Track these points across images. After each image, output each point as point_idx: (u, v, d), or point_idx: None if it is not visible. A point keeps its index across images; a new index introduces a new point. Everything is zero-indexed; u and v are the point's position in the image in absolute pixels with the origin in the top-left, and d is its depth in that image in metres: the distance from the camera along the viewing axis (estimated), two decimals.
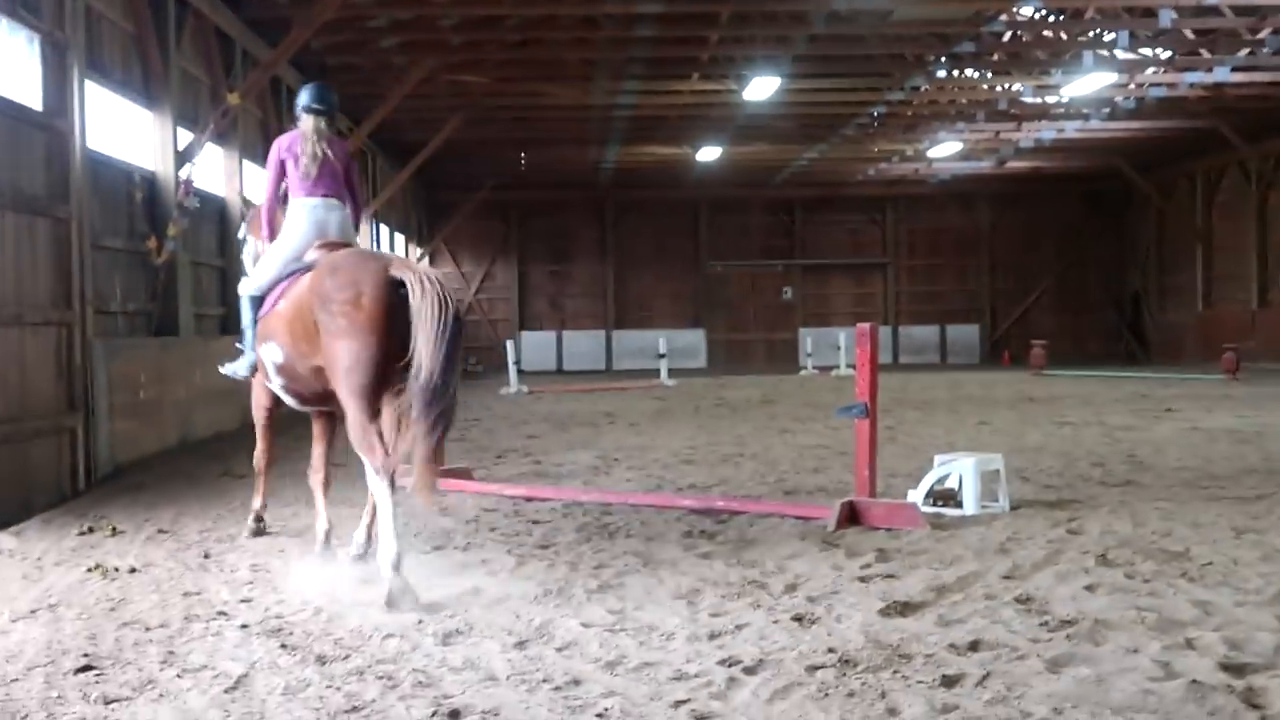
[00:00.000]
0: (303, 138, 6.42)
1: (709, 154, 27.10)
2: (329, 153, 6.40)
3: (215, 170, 14.65)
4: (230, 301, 14.09)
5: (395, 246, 27.67)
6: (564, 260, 34.61)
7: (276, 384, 6.30)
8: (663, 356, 24.51)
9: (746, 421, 14.73)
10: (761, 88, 20.07)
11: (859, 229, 35.22)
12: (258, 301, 6.28)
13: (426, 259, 32.70)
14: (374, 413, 5.44)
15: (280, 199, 6.59)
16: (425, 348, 5.09)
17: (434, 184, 32.40)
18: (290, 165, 6.40)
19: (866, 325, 7.03)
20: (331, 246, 6.08)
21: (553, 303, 34.61)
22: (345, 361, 5.37)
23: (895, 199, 34.91)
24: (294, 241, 6.28)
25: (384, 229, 26.01)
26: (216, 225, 14.72)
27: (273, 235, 6.54)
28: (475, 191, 32.11)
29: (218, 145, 14.50)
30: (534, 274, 34.55)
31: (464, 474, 9.14)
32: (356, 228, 6.60)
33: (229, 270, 14.80)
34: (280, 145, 6.47)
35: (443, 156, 25.76)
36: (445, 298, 5.17)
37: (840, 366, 27.33)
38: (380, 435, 5.43)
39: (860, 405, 6.95)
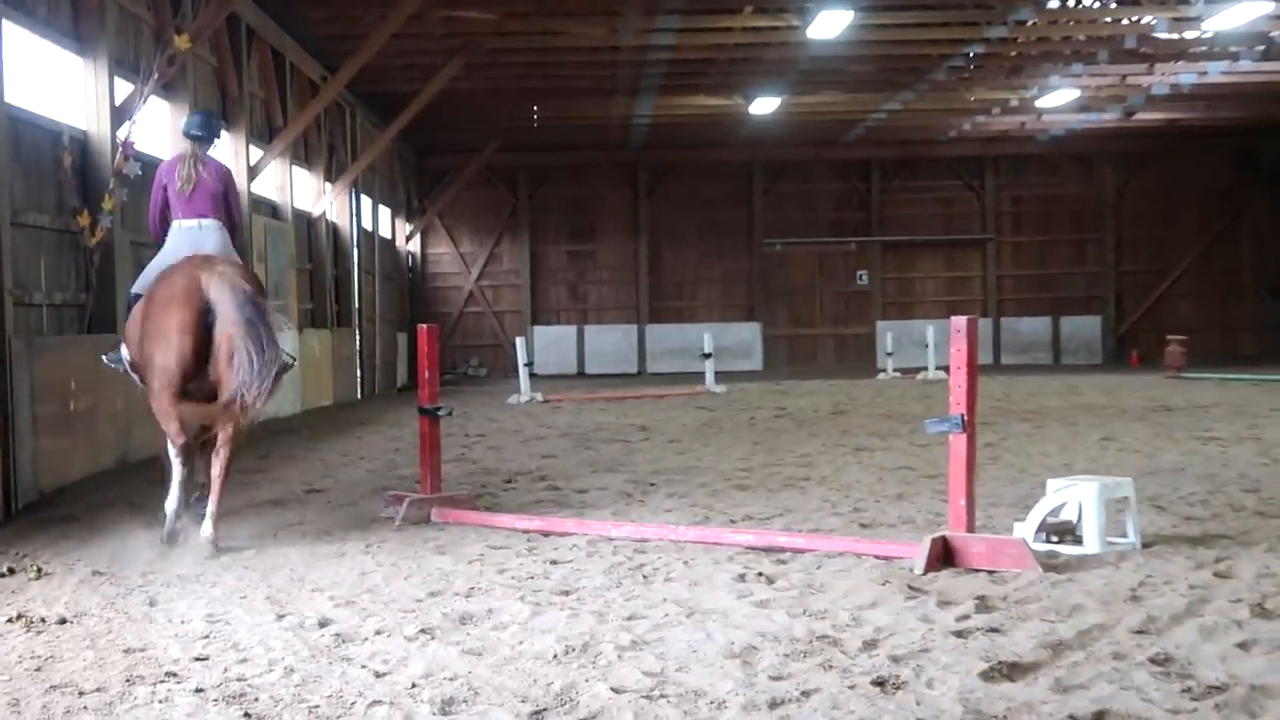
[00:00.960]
0: (181, 162, 8.57)
1: (765, 106, 27.06)
2: (205, 176, 8.54)
3: (161, 129, 14.78)
4: None
5: (379, 221, 27.83)
6: (586, 238, 34.70)
7: (135, 378, 8.63)
8: (708, 356, 24.53)
9: (813, 437, 14.71)
10: (830, 23, 19.96)
11: (951, 198, 35.09)
12: (129, 309, 8.70)
13: (418, 236, 32.93)
14: (175, 393, 7.87)
15: (164, 219, 8.74)
16: (224, 335, 7.62)
17: (427, 145, 32.56)
18: (170, 188, 8.55)
19: (962, 319, 7.00)
20: (209, 259, 8.09)
21: (572, 291, 34.70)
22: (158, 346, 7.91)
23: (996, 160, 34.75)
24: (166, 259, 8.39)
25: (365, 201, 26.17)
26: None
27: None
28: (477, 154, 32.24)
29: (163, 99, 14.63)
30: (549, 255, 34.66)
31: (464, 503, 9.20)
32: (237, 244, 8.80)
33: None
34: (161, 170, 8.74)
35: (438, 111, 25.86)
36: (235, 284, 7.70)
37: (929, 369, 27.25)
38: (178, 415, 7.90)
39: (955, 417, 6.92)
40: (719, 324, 33.42)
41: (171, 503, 8.13)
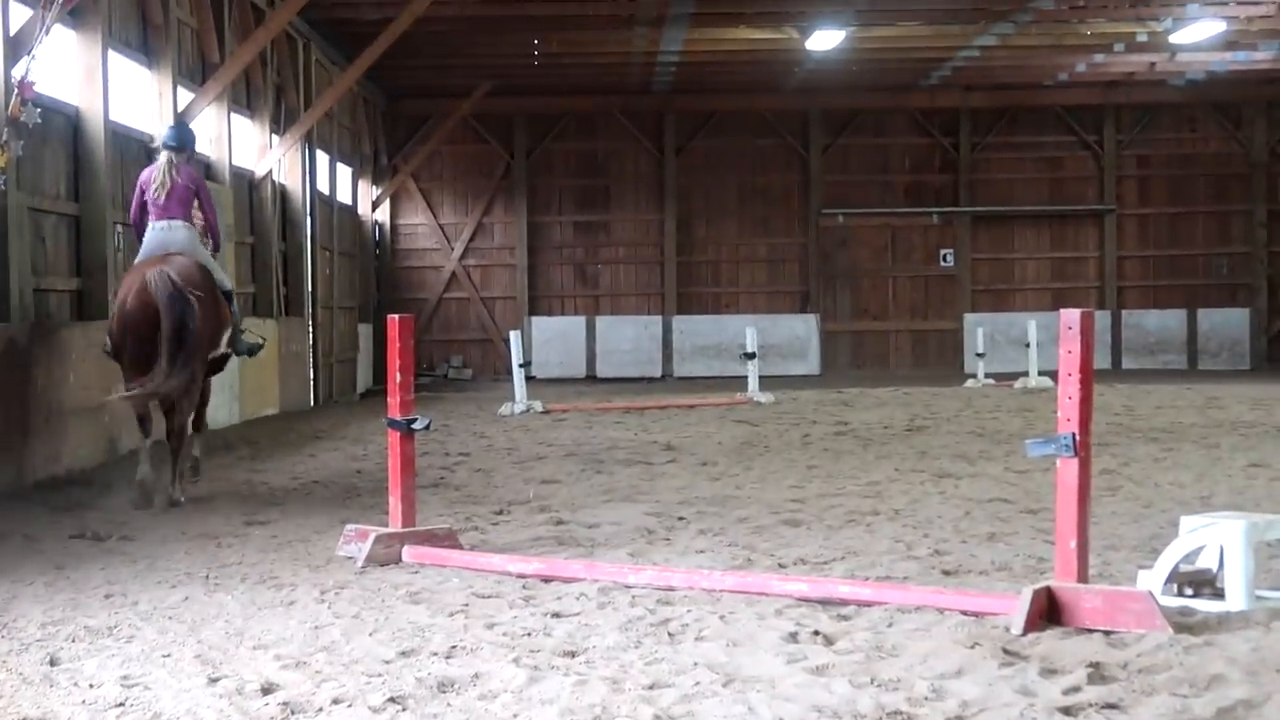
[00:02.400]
0: (157, 170, 12.28)
1: (825, 40, 27.03)
2: (179, 182, 12.17)
3: (67, 66, 14.84)
4: (89, 271, 15.29)
5: (338, 183, 27.91)
6: (598, 206, 34.76)
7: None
8: (751, 357, 24.48)
9: (883, 460, 14.69)
10: None
11: (1061, 158, 35.04)
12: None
13: (387, 202, 32.99)
14: (127, 374, 11.79)
15: (142, 220, 12.40)
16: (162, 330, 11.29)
17: (400, 88, 32.65)
18: (147, 194, 12.22)
19: (1075, 312, 6.98)
20: (165, 257, 11.79)
21: (581, 273, 34.77)
22: (118, 335, 11.77)
23: (1119, 111, 34.70)
24: (141, 256, 12.23)
25: (321, 158, 26.25)
26: (68, 149, 14.92)
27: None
28: (463, 100, 32.31)
29: (70, 28, 14.70)
30: (552, 228, 34.74)
31: (445, 539, 9.21)
32: (215, 242, 12.89)
33: (87, 220, 14.99)
34: (140, 179, 12.46)
35: (414, 45, 25.91)
36: (159, 285, 11.26)
37: (1030, 375, 27.17)
38: (138, 394, 11.43)
39: (1064, 437, 6.91)
40: (765, 316, 33.47)
41: (140, 470, 11.63)
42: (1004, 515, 10.65)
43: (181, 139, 12.61)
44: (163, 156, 12.39)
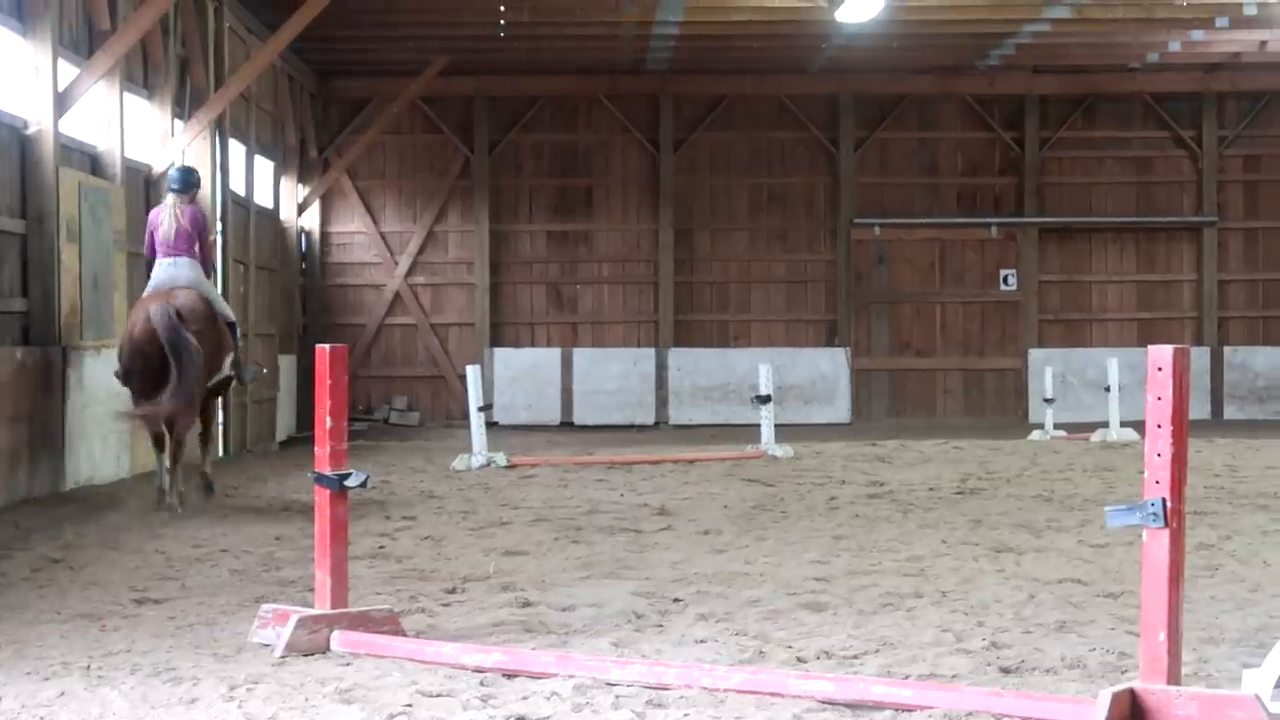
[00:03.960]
0: (165, 210, 16.34)
1: (859, 9, 27.09)
2: (183, 223, 16.24)
3: (11, 65, 14.90)
4: (39, 291, 17.27)
5: (256, 181, 27.91)
6: (578, 212, 34.76)
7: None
8: (766, 400, 24.51)
9: (928, 529, 14.70)
10: None
11: (1150, 158, 35.09)
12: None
13: (316, 204, 32.96)
14: (135, 397, 15.98)
15: (152, 256, 16.57)
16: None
17: (333, 63, 32.67)
18: (155, 234, 16.36)
19: (1166, 349, 7.00)
20: (171, 291, 15.86)
21: (556, 294, 34.75)
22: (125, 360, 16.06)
23: (1221, 100, 34.80)
24: (150, 289, 16.29)
25: (236, 149, 26.27)
26: (14, 160, 14.96)
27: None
28: (411, 78, 32.31)
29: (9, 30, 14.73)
30: (521, 239, 34.73)
31: (384, 623, 9.19)
32: (209, 275, 17.15)
33: (33, 241, 15.13)
34: (150, 218, 16.77)
35: (348, 11, 25.93)
36: (161, 319, 15.24)
37: (1110, 426, 27.19)
38: (140, 413, 15.87)
39: (1152, 504, 6.91)
40: (783, 350, 33.52)
41: (160, 479, 16.40)
42: (1077, 599, 10.64)
43: (186, 182, 16.76)
44: (169, 198, 16.60)
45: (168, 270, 16.36)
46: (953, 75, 33.91)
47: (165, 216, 16.48)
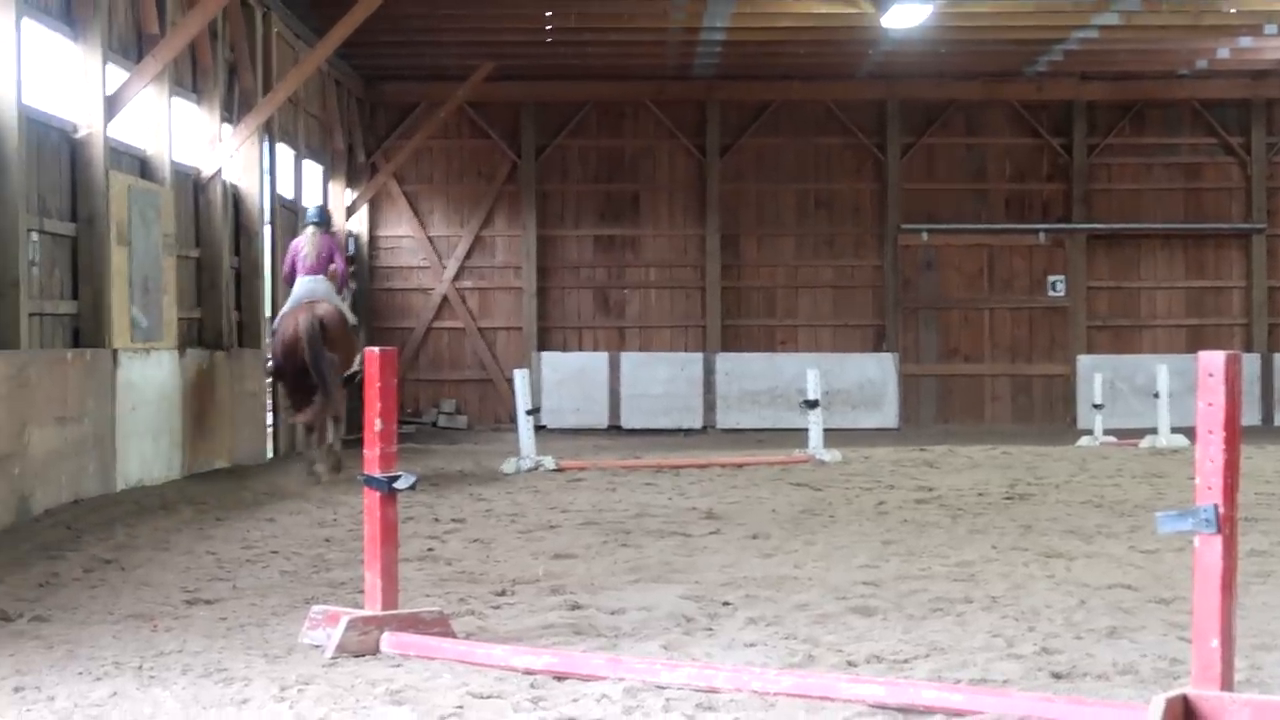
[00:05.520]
0: (305, 239, 20.87)
1: (907, 15, 27.05)
2: (320, 250, 20.55)
3: (61, 69, 14.95)
4: (90, 293, 17.48)
5: (304, 185, 27.99)
6: (625, 218, 34.76)
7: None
8: (814, 405, 24.47)
9: (977, 535, 14.65)
10: None
11: (1199, 164, 34.94)
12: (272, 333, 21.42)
13: (364, 209, 33.04)
14: (286, 390, 21.18)
15: (292, 274, 20.87)
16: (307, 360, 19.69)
17: (381, 69, 32.72)
18: (296, 258, 20.68)
19: (1218, 355, 6.96)
20: (313, 304, 19.87)
21: (603, 298, 34.76)
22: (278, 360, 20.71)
23: (1271, 107, 34.63)
24: (292, 301, 20.32)
25: (284, 154, 26.36)
26: (65, 163, 14.98)
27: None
28: (458, 83, 32.35)
29: (59, 34, 14.79)
30: (568, 243, 34.75)
31: (434, 625, 9.20)
32: (341, 290, 21.15)
33: (84, 243, 15.16)
34: (292, 246, 21.24)
35: (398, 14, 25.99)
36: (298, 331, 19.64)
37: (1160, 432, 27.11)
38: (298, 407, 20.68)
39: (1204, 510, 6.88)
40: (830, 355, 33.44)
41: (310, 456, 20.61)
42: (1128, 605, 10.60)
43: (322, 217, 21.50)
44: (309, 229, 20.97)
45: (307, 286, 20.25)
46: (1000, 81, 33.84)
47: (305, 244, 20.70)
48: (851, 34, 29.48)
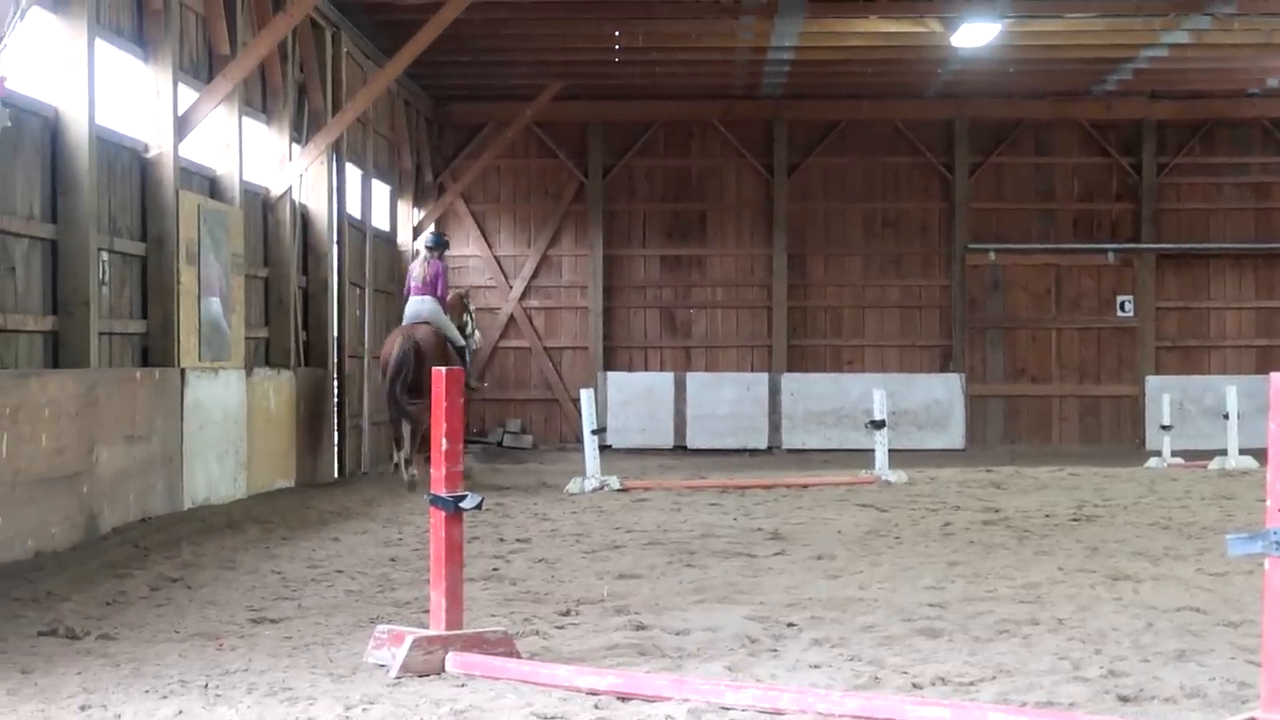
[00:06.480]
0: (418, 262, 23.98)
1: (976, 34, 27.01)
2: (429, 272, 23.43)
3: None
4: (159, 312, 17.53)
5: (372, 205, 28.10)
6: (692, 237, 34.79)
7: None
8: (880, 426, 24.40)
9: (1044, 556, 14.60)
10: None
11: (1270, 184, 34.73)
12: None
13: (431, 229, 33.12)
14: (395, 413, 22.83)
15: (406, 294, 24.00)
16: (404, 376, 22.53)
17: (449, 89, 32.86)
18: (410, 279, 23.81)
19: None
20: (414, 326, 22.94)
21: (669, 318, 34.78)
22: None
23: None
24: (405, 319, 23.52)
25: (353, 173, 26.48)
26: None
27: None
28: (526, 104, 32.45)
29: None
30: (634, 262, 34.81)
31: (499, 645, 9.20)
32: (445, 310, 23.76)
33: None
34: (410, 268, 24.47)
35: (465, 37, 26.09)
36: (405, 346, 22.37)
37: (1230, 453, 26.91)
38: (398, 422, 22.77)
39: (1275, 532, 6.84)
40: (897, 375, 33.41)
41: (403, 463, 22.28)
42: (1196, 628, 10.55)
43: (437, 243, 24.20)
44: (423, 253, 23.95)
45: (415, 305, 23.13)
46: (1069, 100, 33.74)
47: (417, 266, 23.56)
48: (920, 53, 29.48)
